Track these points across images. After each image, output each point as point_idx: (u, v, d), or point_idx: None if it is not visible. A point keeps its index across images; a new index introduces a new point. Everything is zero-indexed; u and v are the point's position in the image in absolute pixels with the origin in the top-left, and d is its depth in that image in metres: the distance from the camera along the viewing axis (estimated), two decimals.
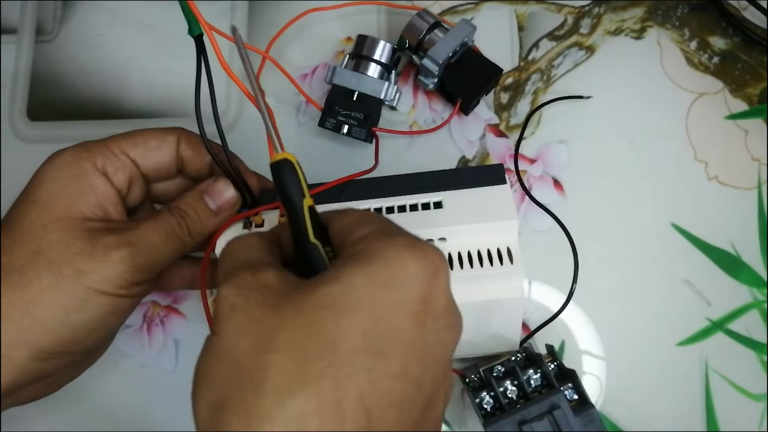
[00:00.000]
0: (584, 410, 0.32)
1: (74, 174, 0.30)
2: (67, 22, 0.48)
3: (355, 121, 0.41)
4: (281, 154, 0.27)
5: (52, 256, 0.28)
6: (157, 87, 0.46)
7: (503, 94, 0.45)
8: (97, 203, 0.30)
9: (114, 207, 0.31)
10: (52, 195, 0.30)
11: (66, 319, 0.28)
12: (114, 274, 0.29)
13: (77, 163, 0.31)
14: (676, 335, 0.41)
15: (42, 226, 0.29)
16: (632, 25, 0.46)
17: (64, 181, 0.30)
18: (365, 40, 0.43)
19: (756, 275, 0.41)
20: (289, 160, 0.27)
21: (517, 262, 0.32)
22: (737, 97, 0.44)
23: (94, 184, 0.31)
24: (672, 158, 0.43)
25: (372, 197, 0.34)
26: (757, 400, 0.39)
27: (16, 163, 0.45)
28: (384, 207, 0.34)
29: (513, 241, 0.33)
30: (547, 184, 0.43)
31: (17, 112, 0.46)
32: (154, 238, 0.30)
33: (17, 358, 0.28)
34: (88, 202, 0.30)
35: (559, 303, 0.41)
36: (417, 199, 0.34)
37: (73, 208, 0.30)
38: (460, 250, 0.32)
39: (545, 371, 0.34)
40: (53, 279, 0.28)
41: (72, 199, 0.30)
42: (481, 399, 0.34)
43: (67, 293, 0.28)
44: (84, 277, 0.28)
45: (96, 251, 0.29)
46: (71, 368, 0.33)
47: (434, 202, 0.34)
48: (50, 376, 0.31)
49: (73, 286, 0.28)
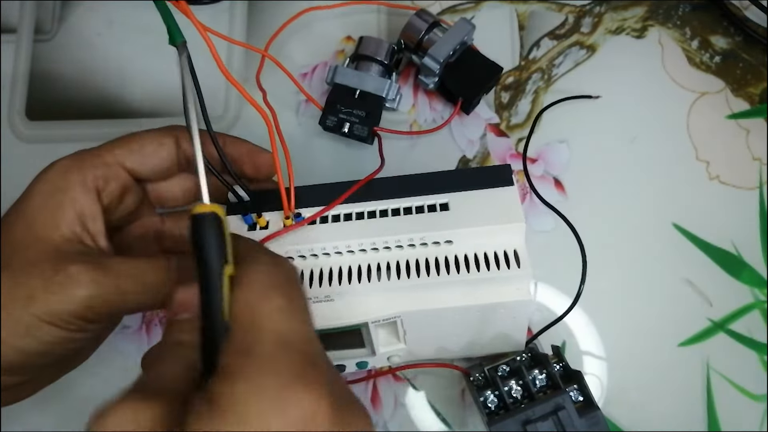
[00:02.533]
0: (589, 412, 0.32)
1: (58, 187, 0.30)
2: (66, 21, 0.48)
3: (356, 119, 0.41)
4: (206, 206, 0.22)
5: (17, 277, 0.27)
6: (156, 86, 0.46)
7: (504, 93, 0.45)
8: (75, 219, 0.29)
9: (93, 223, 0.30)
10: (36, 209, 0.29)
11: (13, 342, 0.27)
12: (62, 309, 0.27)
13: (65, 176, 0.30)
14: (677, 335, 0.41)
15: (24, 244, 0.28)
16: (633, 24, 0.46)
17: (47, 195, 0.29)
18: (366, 40, 0.43)
19: (757, 275, 0.41)
20: (215, 215, 0.22)
21: (524, 265, 0.32)
22: (738, 97, 0.44)
23: (76, 198, 0.30)
24: (673, 158, 0.43)
25: (377, 199, 0.34)
26: (758, 401, 0.39)
27: (15, 163, 0.45)
28: (390, 209, 0.34)
29: (520, 244, 0.32)
30: (548, 183, 0.43)
31: (16, 112, 0.46)
32: (126, 285, 0.28)
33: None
34: (67, 217, 0.29)
35: (561, 303, 0.41)
36: (423, 200, 0.34)
37: (52, 223, 0.29)
38: (466, 253, 0.32)
39: (551, 372, 0.34)
40: (8, 299, 0.27)
41: (51, 214, 0.29)
42: (485, 398, 0.34)
43: (14, 317, 0.27)
44: (32, 304, 0.27)
45: (55, 280, 0.27)
46: (43, 378, 0.31)
47: (440, 204, 0.33)
48: (19, 385, 0.30)
49: (21, 311, 0.27)
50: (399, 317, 0.33)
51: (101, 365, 0.41)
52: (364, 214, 0.33)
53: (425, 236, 0.32)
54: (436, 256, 0.32)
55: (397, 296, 0.32)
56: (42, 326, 0.27)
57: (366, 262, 0.33)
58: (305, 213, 0.34)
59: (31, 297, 0.27)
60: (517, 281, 0.32)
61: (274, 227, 0.33)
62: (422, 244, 0.33)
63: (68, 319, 0.27)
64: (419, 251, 0.33)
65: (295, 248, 0.33)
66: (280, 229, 0.33)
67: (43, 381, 0.32)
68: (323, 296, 0.32)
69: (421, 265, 0.32)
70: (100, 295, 0.28)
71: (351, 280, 0.32)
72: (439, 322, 0.33)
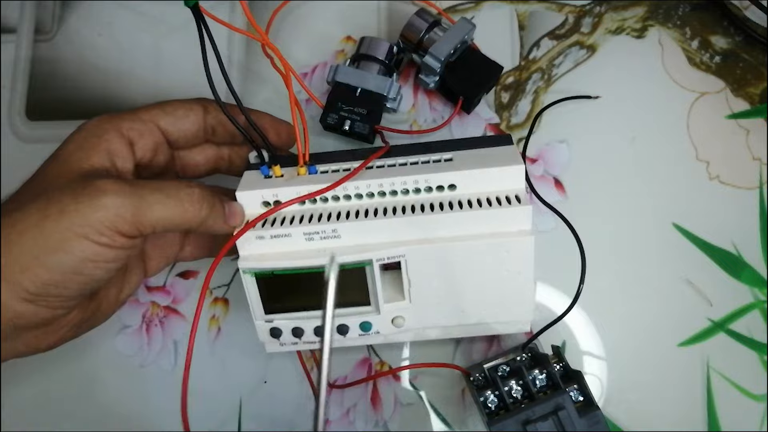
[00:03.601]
0: (589, 412, 0.32)
1: (93, 133, 0.33)
2: (66, 21, 0.48)
3: (357, 117, 0.41)
4: None
5: (49, 197, 0.29)
6: (156, 86, 0.46)
7: (504, 93, 0.45)
8: (105, 155, 0.32)
9: (122, 162, 0.33)
10: (70, 150, 0.32)
11: (43, 258, 0.28)
12: (95, 219, 0.28)
13: (99, 125, 0.33)
14: (677, 335, 0.41)
15: (54, 175, 0.31)
16: (633, 24, 0.46)
17: (82, 139, 0.32)
18: (367, 40, 0.43)
19: (757, 275, 0.41)
20: None
21: (524, 201, 0.33)
22: (738, 97, 0.44)
23: (109, 140, 0.32)
24: (673, 158, 0.43)
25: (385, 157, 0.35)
26: (758, 401, 0.39)
27: (15, 163, 0.45)
28: (397, 163, 0.35)
29: (521, 188, 0.33)
30: (548, 183, 0.43)
31: (16, 112, 0.46)
32: (153, 197, 0.30)
33: (3, 297, 0.28)
34: (98, 152, 0.32)
35: (561, 303, 0.41)
36: (429, 156, 0.35)
37: (85, 160, 0.32)
38: (469, 197, 0.33)
39: (551, 372, 0.34)
40: (39, 217, 0.28)
41: (86, 153, 0.32)
42: (485, 398, 0.34)
43: (47, 232, 0.28)
44: (65, 217, 0.28)
45: (85, 192, 0.29)
46: (64, 323, 0.32)
47: (445, 159, 0.35)
48: (43, 324, 0.31)
49: (54, 226, 0.28)
50: (403, 256, 0.33)
51: (101, 364, 0.41)
52: (373, 166, 0.35)
53: (429, 179, 0.33)
54: (441, 200, 0.33)
55: (402, 233, 0.33)
56: (73, 239, 0.28)
57: (373, 206, 0.34)
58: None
59: (62, 211, 0.28)
60: (518, 214, 0.33)
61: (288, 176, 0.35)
62: (427, 188, 0.34)
63: (99, 228, 0.28)
64: (424, 196, 0.34)
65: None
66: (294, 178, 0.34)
67: (65, 324, 0.32)
68: (330, 231, 0.33)
69: (426, 207, 0.33)
70: (130, 204, 0.29)
71: (358, 217, 0.33)
72: (443, 267, 0.34)
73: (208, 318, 0.42)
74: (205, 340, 0.42)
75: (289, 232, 0.33)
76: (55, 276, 0.29)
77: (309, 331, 0.35)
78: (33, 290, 0.28)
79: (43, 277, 0.28)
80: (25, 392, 0.41)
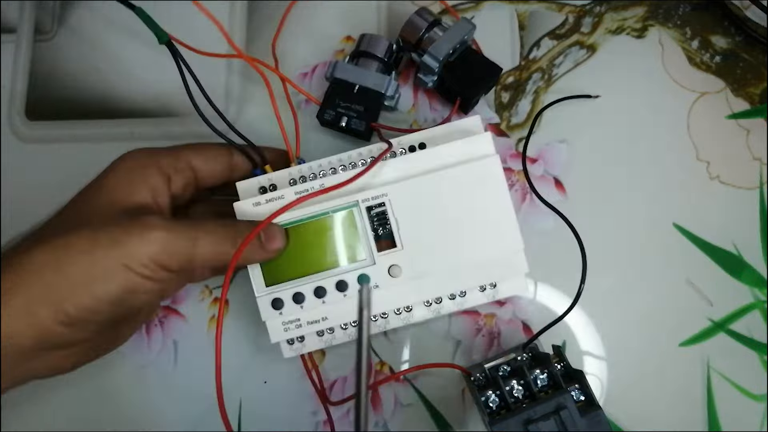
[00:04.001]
0: (591, 411, 0.32)
1: (135, 167, 0.34)
2: (66, 21, 0.48)
3: (354, 113, 0.41)
4: None
5: (96, 226, 0.31)
6: (156, 86, 0.46)
7: (504, 93, 0.45)
8: (148, 192, 0.34)
9: (162, 198, 0.35)
10: (113, 183, 0.34)
11: (91, 286, 0.30)
12: (142, 251, 0.30)
13: (139, 160, 0.35)
14: (677, 335, 0.41)
15: (99, 205, 0.33)
16: (633, 24, 0.46)
17: (125, 171, 0.34)
18: (367, 37, 0.42)
19: (757, 275, 0.41)
20: None
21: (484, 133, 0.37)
22: (739, 97, 0.44)
23: (150, 175, 0.34)
24: (673, 158, 0.43)
25: None
26: (759, 401, 0.39)
27: (15, 163, 0.45)
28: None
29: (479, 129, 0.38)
30: (548, 183, 0.43)
31: (16, 112, 0.46)
32: (196, 234, 0.32)
33: (41, 316, 0.29)
34: (142, 189, 0.34)
35: (561, 303, 0.41)
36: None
37: (128, 191, 0.33)
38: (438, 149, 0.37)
39: (552, 371, 0.34)
40: (90, 245, 0.30)
41: (128, 186, 0.34)
42: (486, 398, 0.34)
43: (97, 261, 0.30)
44: (115, 247, 0.30)
45: (134, 226, 0.31)
46: (89, 346, 0.33)
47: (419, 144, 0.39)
48: (70, 346, 0.32)
49: (105, 255, 0.30)
50: (386, 196, 0.36)
51: (101, 365, 0.41)
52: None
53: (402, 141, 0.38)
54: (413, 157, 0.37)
55: (382, 178, 0.37)
56: (119, 270, 0.30)
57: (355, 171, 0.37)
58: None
59: (115, 241, 0.30)
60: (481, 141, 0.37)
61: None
62: (401, 151, 0.38)
63: (145, 262, 0.30)
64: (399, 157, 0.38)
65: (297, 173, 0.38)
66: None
67: (89, 347, 0.34)
68: (318, 186, 0.37)
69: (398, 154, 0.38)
70: (175, 240, 0.31)
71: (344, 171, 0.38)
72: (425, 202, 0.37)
73: (208, 318, 0.42)
74: (205, 340, 0.42)
75: (282, 194, 0.36)
76: (98, 304, 0.30)
77: (310, 296, 0.37)
78: (74, 315, 0.30)
79: (86, 303, 0.30)
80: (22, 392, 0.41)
